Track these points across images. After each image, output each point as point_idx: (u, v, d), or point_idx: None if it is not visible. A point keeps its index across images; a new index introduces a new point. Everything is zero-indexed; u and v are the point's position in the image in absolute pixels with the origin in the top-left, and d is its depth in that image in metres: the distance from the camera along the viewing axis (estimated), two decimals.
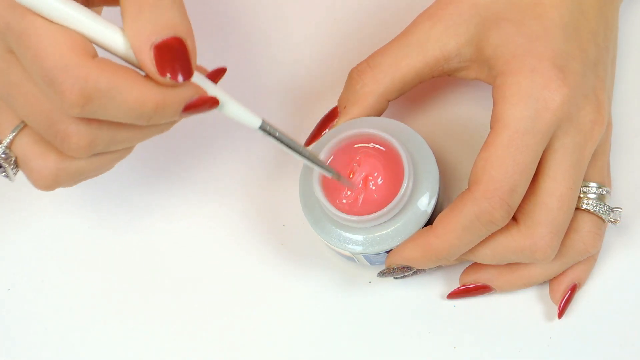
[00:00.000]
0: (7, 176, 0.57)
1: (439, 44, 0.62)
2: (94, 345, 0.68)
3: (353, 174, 0.62)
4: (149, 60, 0.51)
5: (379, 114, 0.64)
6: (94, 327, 0.68)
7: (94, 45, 0.52)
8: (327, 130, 0.65)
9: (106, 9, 0.58)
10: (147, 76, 0.52)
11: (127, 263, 0.69)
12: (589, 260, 0.64)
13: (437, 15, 0.62)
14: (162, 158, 0.70)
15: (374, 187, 0.62)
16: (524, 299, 0.65)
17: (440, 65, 0.63)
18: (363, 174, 0.62)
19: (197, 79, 0.54)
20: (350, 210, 0.61)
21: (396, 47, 0.63)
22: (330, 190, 0.62)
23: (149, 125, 0.53)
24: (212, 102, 0.54)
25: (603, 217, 0.62)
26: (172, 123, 0.55)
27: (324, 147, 0.62)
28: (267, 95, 0.71)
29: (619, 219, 0.62)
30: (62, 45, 0.50)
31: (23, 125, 0.55)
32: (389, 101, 0.64)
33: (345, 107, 0.64)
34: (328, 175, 0.60)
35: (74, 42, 0.51)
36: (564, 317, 0.64)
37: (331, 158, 0.62)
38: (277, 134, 0.56)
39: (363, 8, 0.72)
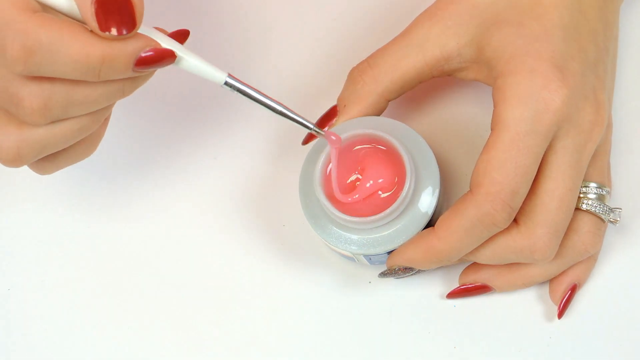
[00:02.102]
0: None
1: (438, 44, 0.62)
2: (94, 345, 0.68)
3: (362, 173, 0.62)
4: (90, 15, 0.51)
5: (378, 113, 0.64)
6: (94, 326, 0.68)
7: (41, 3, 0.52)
8: (326, 128, 0.65)
9: None
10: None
11: (127, 263, 0.69)
12: (589, 260, 0.64)
13: (437, 15, 0.62)
14: (162, 158, 0.70)
15: (372, 187, 0.62)
16: (524, 299, 0.65)
17: (440, 65, 0.62)
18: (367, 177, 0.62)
19: (152, 34, 0.53)
20: (351, 210, 0.61)
21: (396, 47, 0.63)
22: (331, 190, 0.62)
23: (102, 81, 0.52)
24: (168, 55, 0.53)
25: (603, 217, 0.62)
26: (134, 85, 0.55)
27: (325, 148, 0.62)
28: (267, 93, 0.71)
29: (618, 219, 0.62)
30: (1, 3, 0.50)
31: None
32: (388, 101, 0.64)
33: (345, 105, 0.64)
34: (308, 129, 0.59)
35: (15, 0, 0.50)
36: (564, 317, 0.64)
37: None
38: (245, 90, 0.56)
39: (363, 8, 0.72)
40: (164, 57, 0.53)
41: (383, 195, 0.62)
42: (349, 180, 0.62)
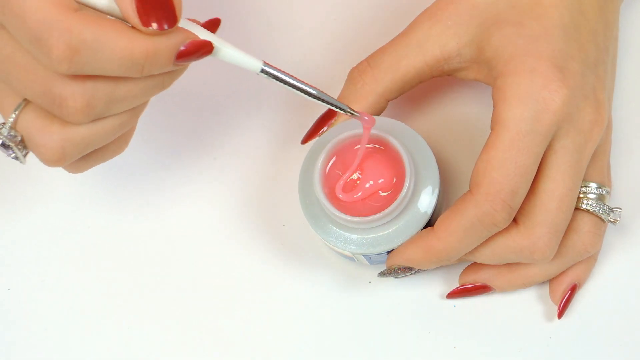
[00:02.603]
0: (17, 158, 0.56)
1: (438, 43, 0.62)
2: (94, 345, 0.68)
3: (362, 173, 0.62)
4: (131, 11, 0.51)
5: (378, 113, 0.64)
6: (94, 326, 0.68)
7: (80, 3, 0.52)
8: (325, 127, 0.65)
9: None
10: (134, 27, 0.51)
11: (127, 263, 0.69)
12: (589, 260, 0.64)
13: (437, 15, 0.62)
14: (163, 159, 0.70)
15: (372, 187, 0.62)
16: (524, 299, 0.65)
17: (440, 65, 0.62)
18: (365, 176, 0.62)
19: (188, 26, 0.53)
20: (351, 210, 0.61)
21: (396, 47, 0.63)
22: (331, 190, 0.62)
23: (144, 76, 0.53)
24: (207, 47, 0.53)
25: (603, 217, 0.62)
26: (172, 78, 0.55)
27: (325, 147, 0.62)
28: (267, 93, 0.71)
29: (618, 219, 0.62)
30: (43, 3, 0.50)
31: (25, 104, 0.54)
32: (388, 101, 0.64)
33: None
34: (343, 112, 0.59)
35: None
36: (563, 317, 0.64)
37: (333, 159, 0.62)
38: (280, 76, 0.56)
39: (363, 8, 0.72)
40: (203, 49, 0.53)
41: (383, 195, 0.62)
42: (349, 180, 0.62)
